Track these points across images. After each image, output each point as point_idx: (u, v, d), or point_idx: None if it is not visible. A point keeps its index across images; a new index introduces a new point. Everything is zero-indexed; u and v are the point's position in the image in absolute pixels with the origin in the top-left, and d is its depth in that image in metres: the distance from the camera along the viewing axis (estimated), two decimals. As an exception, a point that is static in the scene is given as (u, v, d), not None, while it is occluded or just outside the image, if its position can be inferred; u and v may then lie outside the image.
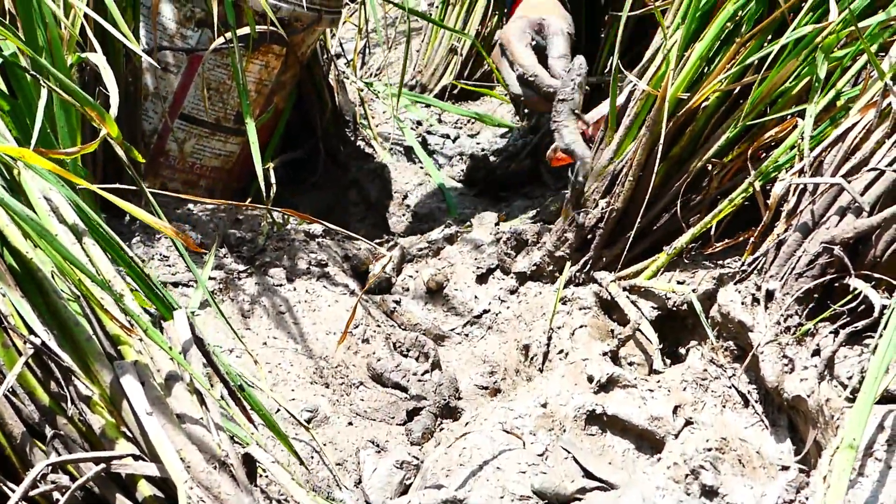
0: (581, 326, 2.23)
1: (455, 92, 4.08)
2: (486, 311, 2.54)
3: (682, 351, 2.35)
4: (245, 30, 2.73)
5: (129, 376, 1.53)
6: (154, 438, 1.49)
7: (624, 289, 2.35)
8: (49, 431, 1.53)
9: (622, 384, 2.07)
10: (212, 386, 1.67)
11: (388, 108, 3.84)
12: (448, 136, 3.77)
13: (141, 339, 1.59)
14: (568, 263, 2.46)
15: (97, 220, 1.66)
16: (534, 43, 2.74)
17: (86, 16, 2.21)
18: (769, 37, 2.28)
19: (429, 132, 3.79)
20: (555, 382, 2.08)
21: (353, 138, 3.51)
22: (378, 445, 2.03)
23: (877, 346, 1.64)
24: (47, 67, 1.78)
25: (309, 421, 2.12)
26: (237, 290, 2.45)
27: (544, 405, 2.03)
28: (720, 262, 2.37)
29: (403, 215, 3.29)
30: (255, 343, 2.31)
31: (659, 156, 2.27)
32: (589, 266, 2.46)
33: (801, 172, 2.08)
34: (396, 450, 2.02)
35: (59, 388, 1.55)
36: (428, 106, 4.00)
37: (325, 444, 2.02)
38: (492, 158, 3.47)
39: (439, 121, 3.93)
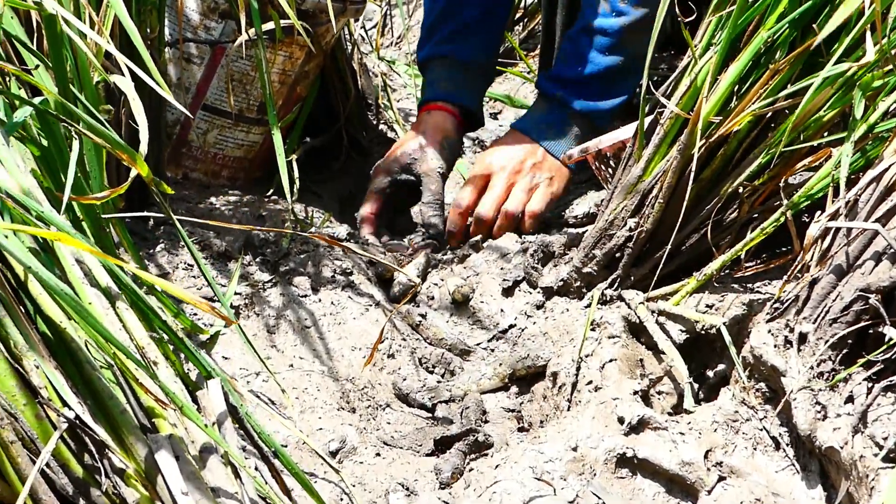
0: (611, 361, 2.22)
1: (477, 69, 4.04)
2: (511, 326, 2.52)
3: (710, 374, 2.34)
4: (270, 24, 2.69)
5: (163, 451, 1.53)
6: (189, 517, 1.49)
7: (652, 312, 2.33)
8: (83, 504, 1.53)
9: (653, 426, 2.05)
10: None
11: (410, 85, 3.81)
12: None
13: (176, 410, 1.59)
14: (596, 291, 2.44)
15: (131, 286, 1.64)
16: (402, 178, 3.02)
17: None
18: (802, 63, 2.25)
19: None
20: (585, 423, 2.07)
21: (375, 123, 3.48)
22: (408, 489, 2.02)
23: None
24: (79, 114, 1.75)
25: (336, 452, 2.12)
26: (262, 303, 2.44)
27: (574, 448, 2.02)
28: (750, 285, 2.36)
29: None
30: (282, 364, 2.30)
31: (691, 180, 2.25)
32: (617, 284, 2.44)
33: (835, 214, 2.05)
34: (426, 495, 2.02)
35: (93, 460, 1.54)
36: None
37: (353, 486, 2.02)
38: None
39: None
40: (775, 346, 2.05)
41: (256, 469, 1.73)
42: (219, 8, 2.90)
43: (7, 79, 1.86)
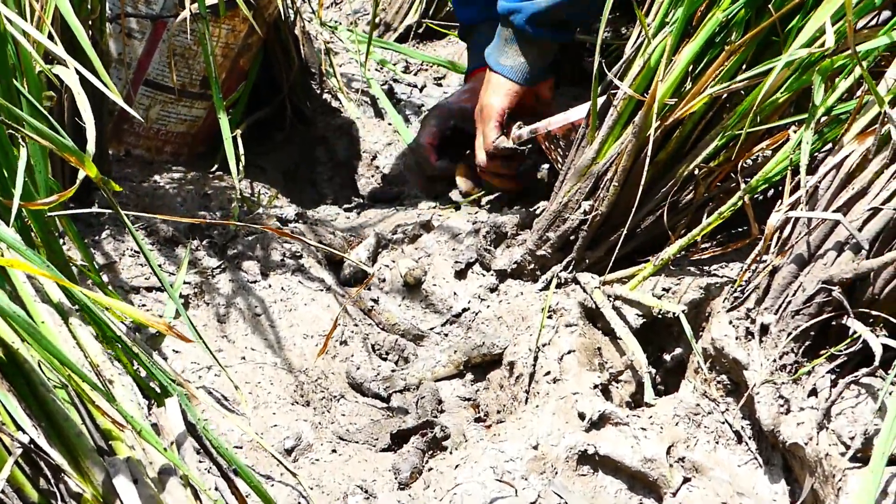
0: (570, 352, 2.19)
1: (420, 31, 3.98)
2: (465, 310, 2.49)
3: (668, 358, 2.32)
4: (212, -3, 2.62)
5: (121, 476, 1.49)
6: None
7: (609, 297, 2.31)
8: (39, 532, 1.49)
9: (614, 421, 2.03)
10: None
11: (353, 51, 3.74)
12: (415, 86, 3.68)
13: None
14: (551, 275, 2.41)
15: (83, 301, 1.59)
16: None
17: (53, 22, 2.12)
18: (757, 44, 2.22)
19: (395, 80, 3.70)
20: (545, 419, 2.05)
21: (318, 92, 3.42)
22: (366, 490, 1.99)
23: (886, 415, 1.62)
24: (24, 117, 1.70)
25: (292, 450, 2.08)
26: (212, 290, 2.39)
27: (535, 447, 2.00)
28: (707, 268, 2.34)
29: (372, 177, 3.21)
30: (234, 356, 2.25)
31: (647, 163, 2.21)
32: (572, 267, 2.41)
33: (796, 203, 2.02)
34: (385, 496, 1.98)
35: (48, 485, 1.50)
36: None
37: (311, 488, 1.98)
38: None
39: (406, 68, 3.83)
40: (736, 337, 2.03)
41: (216, 489, 1.69)
42: (160, -19, 2.84)
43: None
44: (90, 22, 2.42)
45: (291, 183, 3.14)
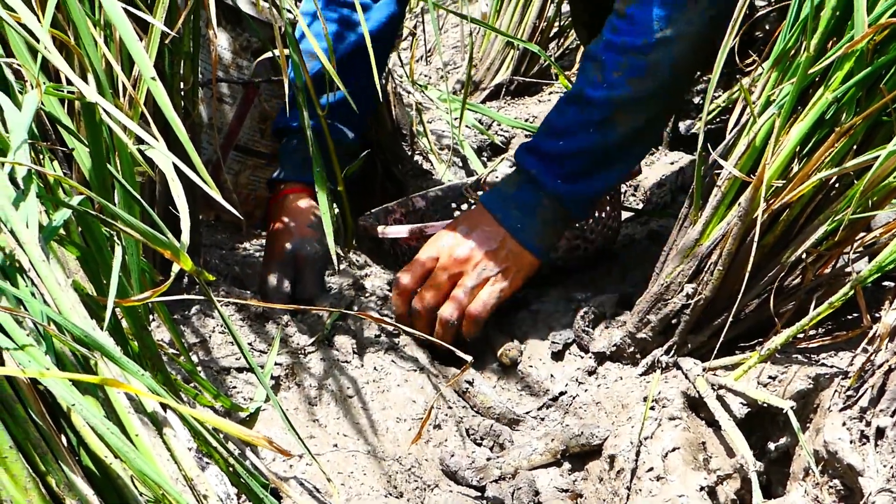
0: (674, 449, 2.12)
1: (512, 87, 3.93)
2: (562, 393, 2.42)
3: (772, 447, 2.24)
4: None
5: None
6: None
7: (713, 386, 2.23)
8: None
9: (723, 529, 1.96)
10: None
11: (443, 111, 3.70)
12: (505, 141, 3.63)
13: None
14: (651, 359, 2.35)
15: (180, 412, 1.54)
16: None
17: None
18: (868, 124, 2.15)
19: (484, 135, 3.65)
20: (651, 524, 1.98)
21: (409, 153, 3.38)
22: None
23: None
24: (119, 213, 1.65)
25: (387, 549, 2.03)
26: (303, 371, 2.34)
27: (642, 555, 1.93)
28: (815, 357, 2.26)
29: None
30: (325, 443, 2.20)
31: (755, 248, 2.14)
32: (673, 351, 2.34)
33: (915, 301, 1.95)
34: None
35: None
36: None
37: None
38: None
39: (498, 123, 3.78)
40: (851, 441, 1.95)
41: None
42: (251, 46, 2.81)
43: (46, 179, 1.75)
44: (182, 92, 2.38)
45: (380, 246, 3.09)
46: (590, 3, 3.12)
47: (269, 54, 2.64)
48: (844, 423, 1.97)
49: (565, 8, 4.13)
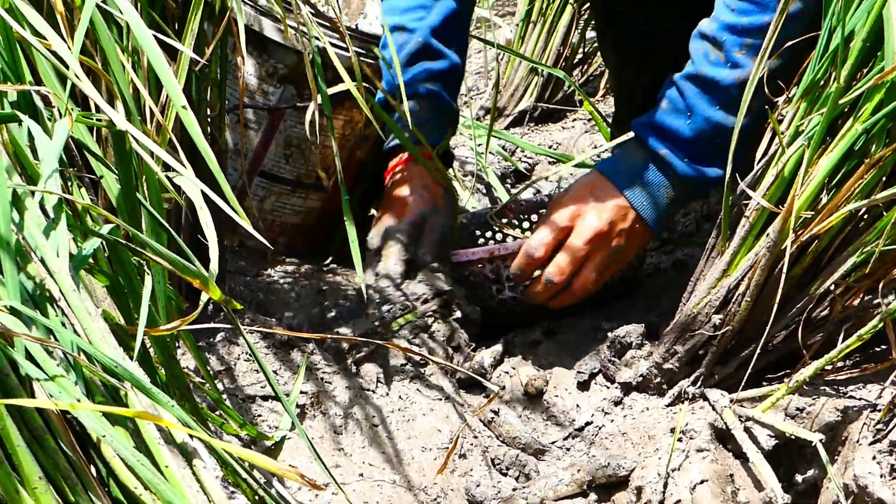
0: (702, 482, 2.10)
1: (536, 114, 3.93)
2: (588, 423, 2.40)
3: (799, 479, 2.22)
4: (331, 89, 2.56)
5: None
6: None
7: (740, 418, 2.22)
8: None
9: (752, 562, 1.95)
10: None
11: (467, 138, 3.69)
12: (529, 168, 3.62)
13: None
14: (678, 390, 2.33)
15: (210, 443, 1.53)
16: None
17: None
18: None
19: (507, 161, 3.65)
20: (679, 559, 1.96)
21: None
22: None
23: None
24: (147, 241, 1.65)
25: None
26: (329, 399, 2.33)
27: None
28: (843, 389, 2.24)
29: (488, 270, 3.15)
30: (351, 473, 2.19)
31: (783, 280, 2.13)
32: (700, 382, 2.33)
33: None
34: None
35: None
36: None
37: None
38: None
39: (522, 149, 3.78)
40: (881, 475, 1.94)
41: None
42: (277, 73, 2.81)
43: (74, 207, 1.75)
44: (210, 119, 2.38)
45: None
46: (618, 31, 3.11)
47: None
48: (874, 457, 1.96)
49: (590, 34, 4.13)
